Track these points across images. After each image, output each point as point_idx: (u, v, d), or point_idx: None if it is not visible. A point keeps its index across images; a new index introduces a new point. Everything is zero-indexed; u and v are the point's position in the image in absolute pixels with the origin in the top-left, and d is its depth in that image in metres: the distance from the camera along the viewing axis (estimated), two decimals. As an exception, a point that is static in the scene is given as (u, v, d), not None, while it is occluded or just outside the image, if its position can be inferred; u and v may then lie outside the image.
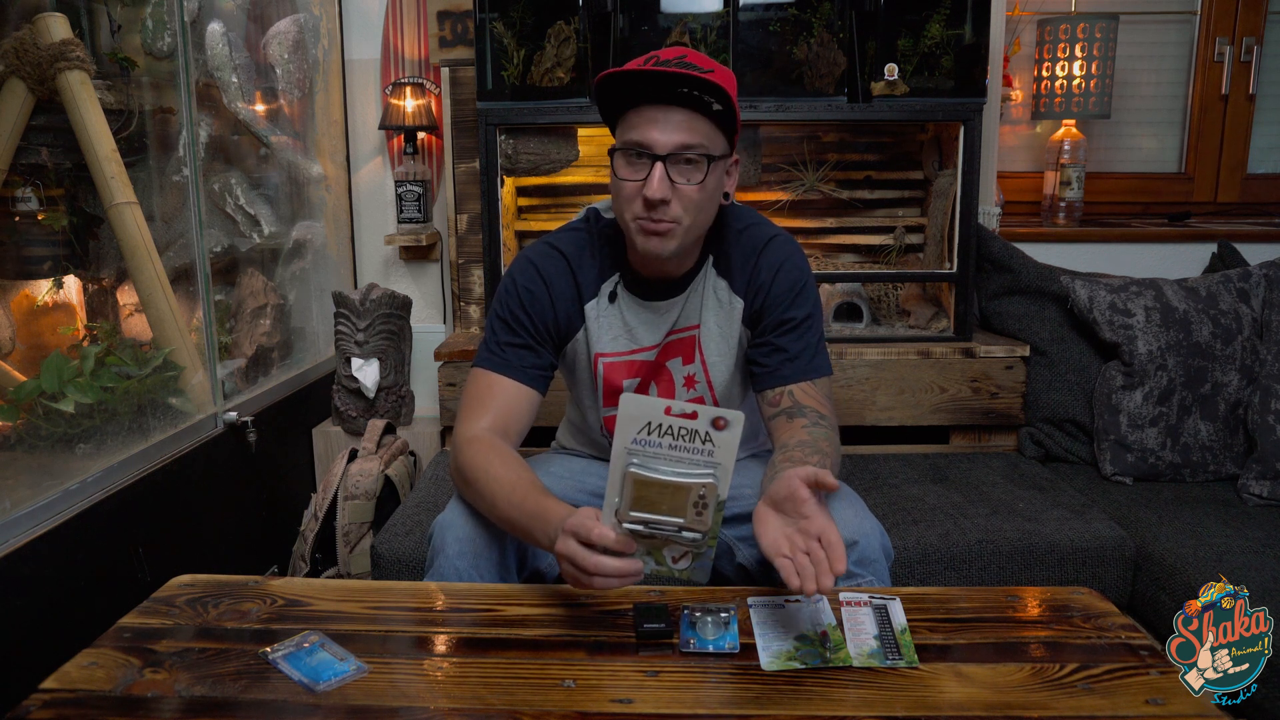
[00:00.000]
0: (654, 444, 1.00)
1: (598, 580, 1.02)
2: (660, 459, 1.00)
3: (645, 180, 1.20)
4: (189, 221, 1.89)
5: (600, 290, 1.37)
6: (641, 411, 0.99)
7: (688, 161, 1.20)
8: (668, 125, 1.19)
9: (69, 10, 1.66)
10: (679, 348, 1.39)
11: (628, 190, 1.23)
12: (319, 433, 2.32)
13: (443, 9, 2.25)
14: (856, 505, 1.27)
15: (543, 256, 1.36)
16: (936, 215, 2.22)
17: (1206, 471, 2.01)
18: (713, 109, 1.20)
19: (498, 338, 1.33)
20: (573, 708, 0.91)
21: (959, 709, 0.92)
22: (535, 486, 1.16)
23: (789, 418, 1.29)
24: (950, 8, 2.02)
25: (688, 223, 1.24)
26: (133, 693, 0.94)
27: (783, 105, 2.06)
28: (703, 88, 1.17)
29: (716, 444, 0.99)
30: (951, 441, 2.20)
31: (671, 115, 1.19)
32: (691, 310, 1.37)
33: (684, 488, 1.00)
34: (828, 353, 1.37)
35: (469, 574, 1.21)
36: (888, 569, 1.24)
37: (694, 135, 1.20)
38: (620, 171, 1.23)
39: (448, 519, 1.26)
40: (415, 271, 2.56)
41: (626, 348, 1.38)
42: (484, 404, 1.30)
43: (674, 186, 1.21)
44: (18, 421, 1.56)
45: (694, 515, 1.01)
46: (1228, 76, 2.62)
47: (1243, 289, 2.06)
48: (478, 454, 1.23)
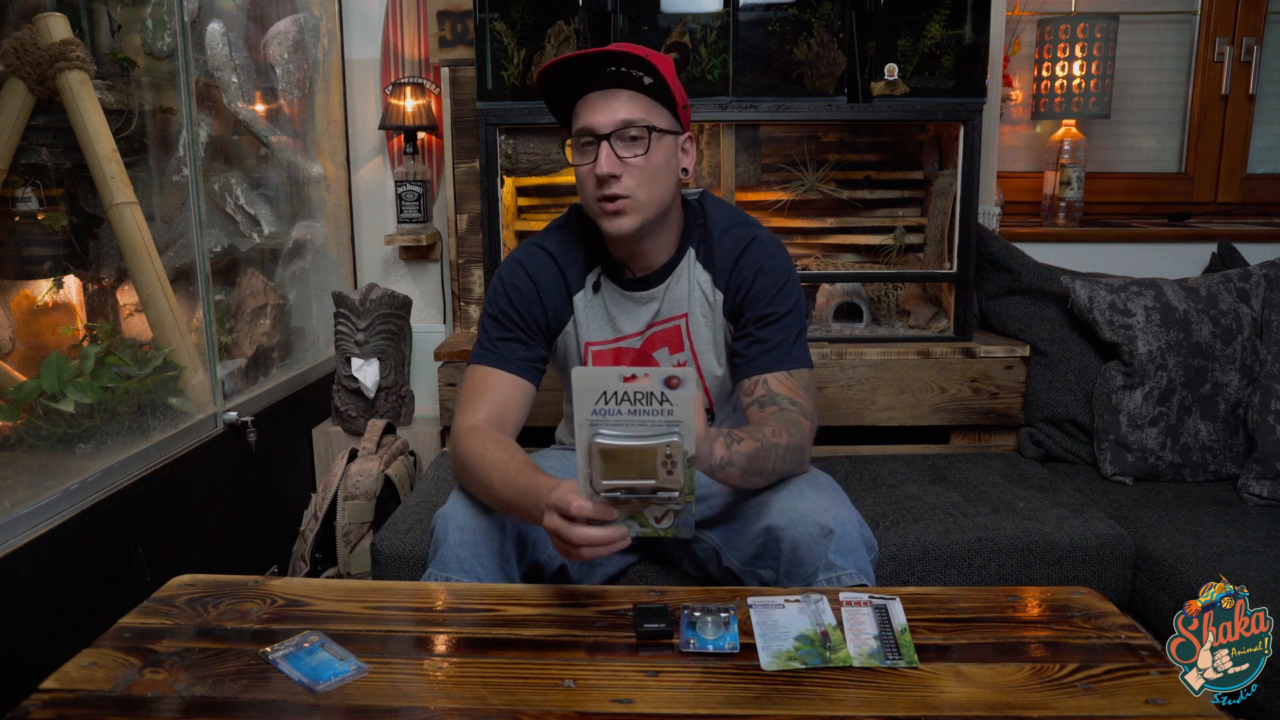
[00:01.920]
0: (613, 412, 1.02)
1: (585, 551, 1.05)
2: (622, 425, 1.02)
3: (594, 161, 1.28)
4: (189, 221, 1.89)
5: (585, 282, 1.42)
6: (595, 382, 1.01)
7: (632, 138, 1.28)
8: (605, 107, 1.28)
9: (69, 10, 1.66)
10: (665, 337, 1.43)
11: (582, 175, 1.31)
12: (319, 433, 2.32)
13: (443, 9, 2.25)
14: (833, 494, 1.29)
15: (528, 255, 1.43)
16: (936, 215, 2.22)
17: (1206, 471, 2.00)
18: (644, 83, 1.27)
19: (489, 334, 1.39)
20: (573, 708, 0.92)
21: (959, 709, 0.92)
22: (528, 464, 1.20)
23: (761, 406, 1.33)
24: (950, 8, 2.02)
25: (642, 196, 1.30)
26: (133, 693, 0.94)
27: (783, 105, 2.06)
28: (629, 63, 1.25)
29: (674, 402, 1.01)
30: (951, 441, 2.20)
31: (610, 98, 1.28)
32: (675, 301, 1.42)
33: (649, 450, 1.02)
34: (808, 349, 1.41)
35: (470, 563, 1.23)
36: (870, 562, 1.25)
37: (632, 111, 1.28)
38: (574, 160, 1.33)
39: (449, 510, 1.28)
40: (415, 271, 2.56)
41: (610, 336, 1.43)
42: (480, 397, 1.34)
43: (622, 162, 1.28)
44: (18, 421, 1.56)
45: (665, 475, 1.03)
46: (1228, 76, 2.62)
47: (1243, 289, 2.06)
48: (474, 441, 1.27)
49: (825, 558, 1.20)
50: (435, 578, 1.23)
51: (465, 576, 1.22)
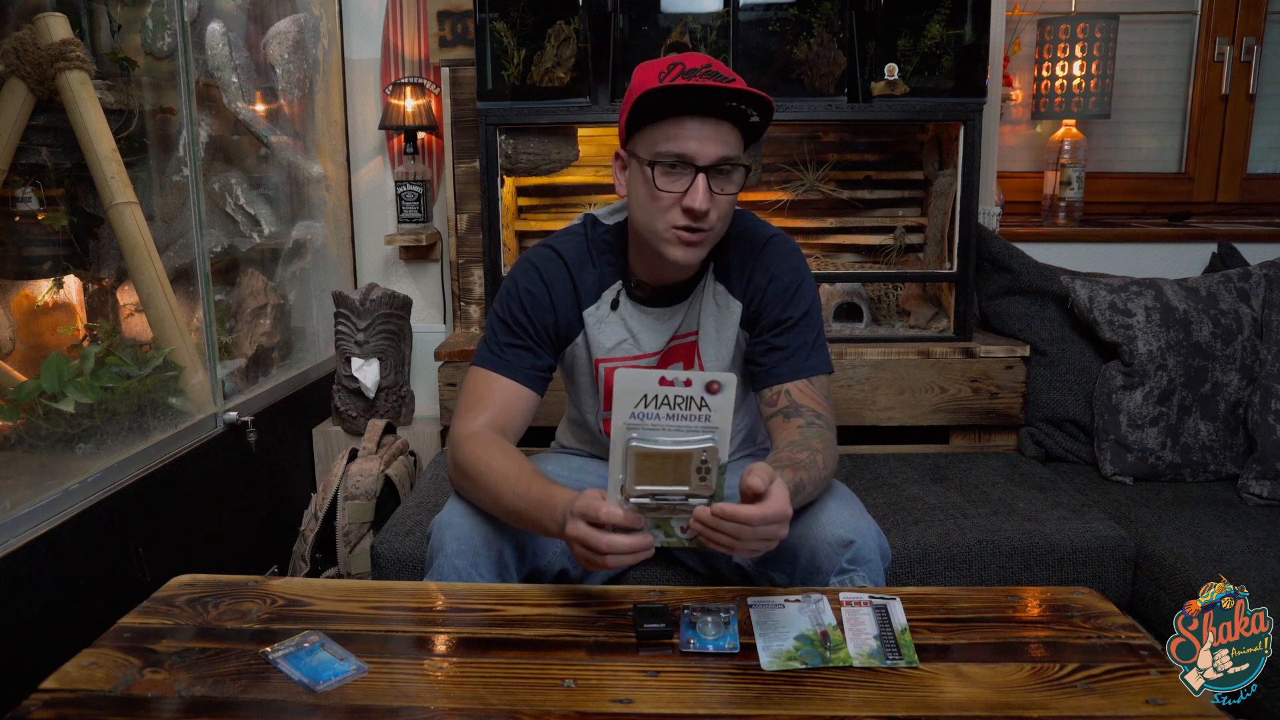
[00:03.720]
0: (651, 415, 1.01)
1: (611, 559, 1.02)
2: (659, 430, 1.01)
3: (688, 191, 1.21)
4: (189, 221, 1.89)
5: (601, 297, 1.38)
6: (637, 385, 1.00)
7: (722, 172, 1.23)
8: (709, 138, 1.21)
9: (69, 10, 1.66)
10: (680, 353, 1.41)
11: (666, 201, 1.24)
12: (319, 433, 2.32)
13: (443, 9, 2.25)
14: (854, 506, 1.28)
15: (544, 259, 1.38)
16: (936, 215, 2.22)
17: (1206, 471, 2.01)
18: (749, 120, 1.23)
19: (498, 338, 1.35)
20: (573, 708, 0.91)
21: (959, 709, 0.92)
22: (538, 475, 1.18)
23: (785, 417, 1.30)
24: (950, 8, 2.02)
25: (719, 230, 1.27)
26: (133, 693, 0.94)
27: (783, 105, 2.06)
28: (750, 102, 1.19)
29: (712, 408, 1.01)
30: (951, 441, 2.20)
31: (713, 129, 1.21)
32: (693, 317, 1.39)
33: (686, 455, 1.01)
34: (828, 350, 1.38)
35: (468, 573, 1.22)
36: (883, 570, 1.25)
37: (731, 147, 1.23)
38: (659, 182, 1.23)
39: (446, 518, 1.26)
40: (415, 271, 2.56)
41: (629, 353, 1.39)
42: (482, 402, 1.31)
43: (711, 196, 1.22)
44: (18, 421, 1.56)
45: (698, 481, 1.02)
46: (1228, 76, 2.62)
47: (1243, 289, 2.06)
48: (477, 448, 1.24)
49: (839, 565, 1.20)
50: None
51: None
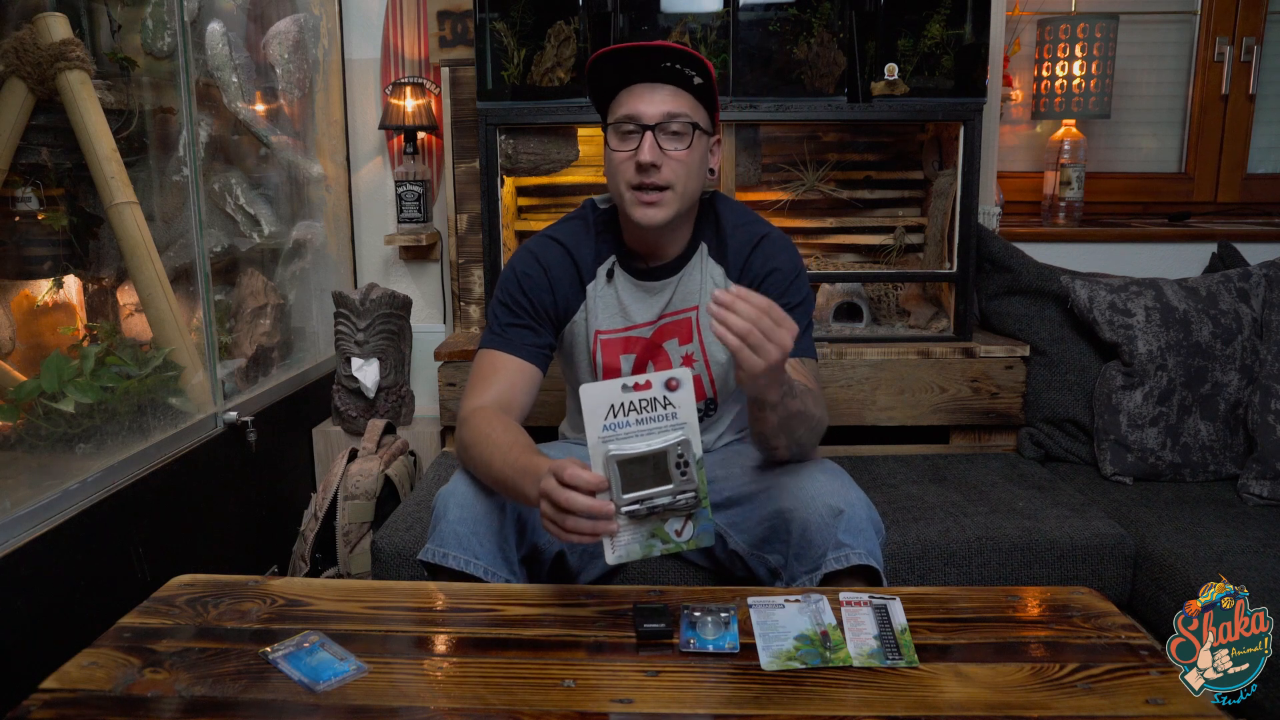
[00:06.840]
0: (623, 424, 1.07)
1: (569, 520, 1.05)
2: (632, 436, 1.07)
3: (636, 149, 1.30)
4: (189, 221, 1.89)
5: (598, 272, 1.45)
6: (602, 397, 1.06)
7: (675, 132, 1.31)
8: (654, 98, 1.31)
9: (69, 10, 1.66)
10: (675, 329, 1.46)
11: (619, 161, 1.34)
12: (319, 433, 2.32)
13: (443, 9, 2.25)
14: (842, 477, 1.32)
15: (540, 246, 1.46)
16: (936, 215, 2.22)
17: (1206, 471, 2.00)
18: (694, 83, 1.31)
19: (499, 320, 1.42)
20: (573, 708, 0.92)
21: (959, 709, 0.92)
22: (530, 447, 1.22)
23: None
24: (950, 8, 2.02)
25: (679, 189, 1.33)
26: (133, 693, 0.94)
27: (783, 105, 2.06)
28: (684, 60, 1.28)
29: (676, 404, 1.07)
30: (951, 441, 2.20)
31: (657, 90, 1.32)
32: (687, 292, 1.45)
33: (662, 453, 1.07)
34: (814, 343, 1.44)
35: (468, 540, 1.24)
36: (879, 545, 1.27)
37: (679, 106, 1.32)
38: (612, 144, 1.35)
39: (450, 488, 1.30)
40: (415, 271, 2.56)
41: (621, 325, 1.46)
42: (488, 381, 1.37)
43: (664, 153, 1.31)
44: (18, 421, 1.56)
45: (680, 477, 1.07)
46: (1228, 76, 2.62)
47: (1243, 289, 2.06)
48: (480, 422, 1.29)
49: (834, 537, 1.22)
50: (433, 553, 1.23)
51: (463, 553, 1.22)
